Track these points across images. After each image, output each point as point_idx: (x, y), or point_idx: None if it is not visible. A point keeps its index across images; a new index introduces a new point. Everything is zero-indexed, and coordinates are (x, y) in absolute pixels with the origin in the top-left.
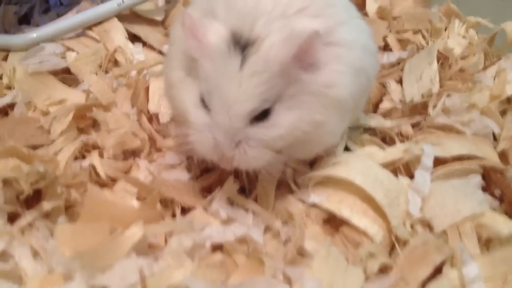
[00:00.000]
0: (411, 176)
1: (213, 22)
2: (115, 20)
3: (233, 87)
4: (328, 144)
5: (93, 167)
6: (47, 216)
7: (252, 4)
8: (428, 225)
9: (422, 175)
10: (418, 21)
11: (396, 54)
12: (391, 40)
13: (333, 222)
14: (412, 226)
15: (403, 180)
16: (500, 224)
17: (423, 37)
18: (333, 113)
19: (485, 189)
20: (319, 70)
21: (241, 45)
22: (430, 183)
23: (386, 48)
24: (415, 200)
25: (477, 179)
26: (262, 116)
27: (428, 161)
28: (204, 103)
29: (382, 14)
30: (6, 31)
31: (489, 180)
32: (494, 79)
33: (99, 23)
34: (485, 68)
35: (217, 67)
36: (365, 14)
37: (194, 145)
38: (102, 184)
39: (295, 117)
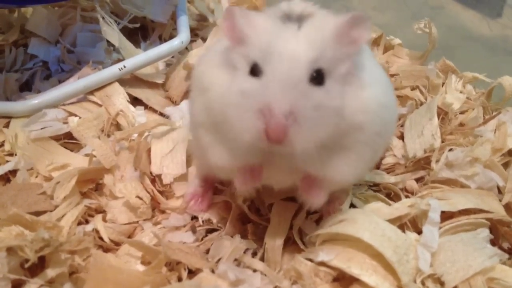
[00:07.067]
0: (418, 232)
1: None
2: (116, 84)
3: (292, 41)
4: (352, 173)
5: (96, 232)
6: (52, 283)
7: None
8: (439, 281)
9: (430, 230)
10: (416, 78)
11: None
12: None
13: (342, 281)
14: (423, 283)
15: (411, 235)
16: (511, 277)
17: (421, 93)
18: (373, 122)
19: (493, 242)
20: (362, 72)
21: (294, 18)
22: (439, 238)
23: None
24: (424, 256)
25: (485, 233)
26: (317, 81)
27: (435, 216)
28: (254, 73)
29: None
30: (7, 98)
31: (497, 233)
32: (495, 132)
33: (100, 87)
34: (485, 122)
35: (274, 32)
36: None
37: (236, 128)
38: (106, 249)
39: (345, 94)
